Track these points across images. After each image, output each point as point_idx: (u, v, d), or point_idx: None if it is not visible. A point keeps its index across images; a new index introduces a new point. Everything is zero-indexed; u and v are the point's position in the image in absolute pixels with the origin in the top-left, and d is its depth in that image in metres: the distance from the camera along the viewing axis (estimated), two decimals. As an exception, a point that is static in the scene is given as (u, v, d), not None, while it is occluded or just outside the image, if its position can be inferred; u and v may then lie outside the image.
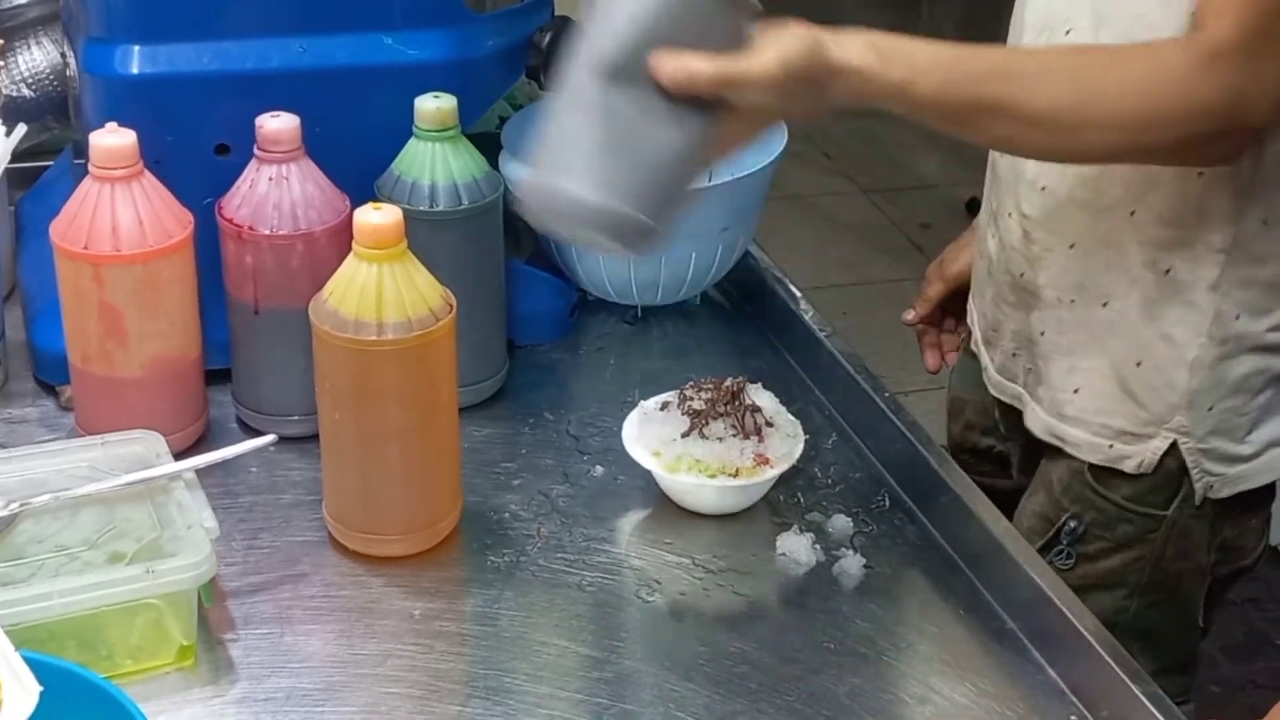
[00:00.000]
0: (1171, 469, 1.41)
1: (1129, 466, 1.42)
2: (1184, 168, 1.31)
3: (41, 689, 0.94)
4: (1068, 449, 1.45)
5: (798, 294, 1.62)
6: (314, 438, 1.36)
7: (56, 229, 1.33)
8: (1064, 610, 1.21)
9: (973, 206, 4.29)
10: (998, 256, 1.49)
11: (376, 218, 1.23)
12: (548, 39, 1.48)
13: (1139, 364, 1.39)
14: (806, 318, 1.58)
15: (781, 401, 1.40)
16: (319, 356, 1.27)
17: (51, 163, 1.66)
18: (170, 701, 1.15)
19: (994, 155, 1.48)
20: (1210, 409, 1.39)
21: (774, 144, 1.61)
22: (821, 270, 3.80)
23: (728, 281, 1.70)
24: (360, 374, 1.24)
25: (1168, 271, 1.36)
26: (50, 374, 1.45)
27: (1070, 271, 1.41)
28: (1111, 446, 1.42)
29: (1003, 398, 1.53)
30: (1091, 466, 1.43)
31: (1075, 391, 1.43)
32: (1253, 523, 1.46)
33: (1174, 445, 1.40)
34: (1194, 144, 1.24)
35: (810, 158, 4.49)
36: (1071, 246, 1.40)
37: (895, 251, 4.07)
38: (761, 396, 1.38)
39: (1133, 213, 1.36)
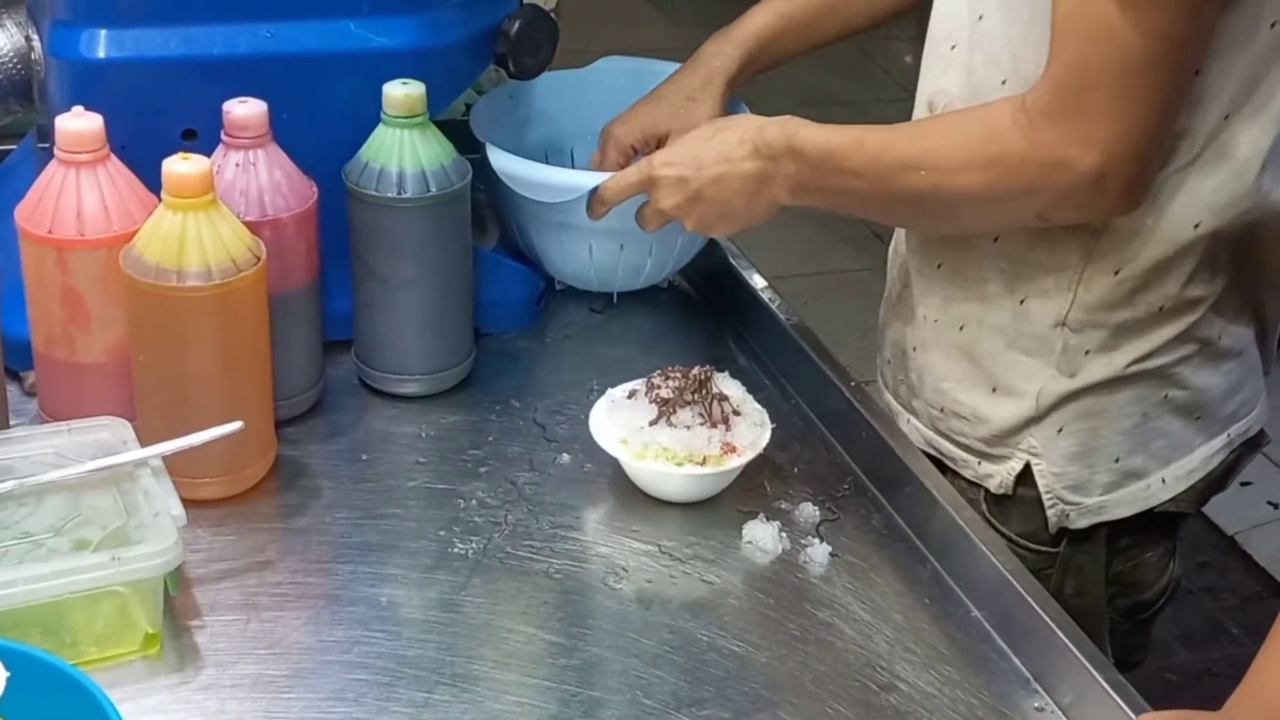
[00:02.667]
0: (1037, 496, 1.43)
1: (993, 486, 1.44)
2: None
3: (9, 675, 0.94)
4: (946, 462, 1.48)
5: (764, 283, 1.63)
6: (284, 423, 1.37)
7: (21, 212, 1.32)
8: (1028, 598, 1.22)
9: (934, 197, 4.31)
10: (891, 263, 1.54)
11: (183, 167, 1.25)
12: (516, 26, 1.48)
13: (994, 389, 1.42)
14: (773, 307, 1.58)
15: (748, 390, 1.41)
16: (126, 301, 1.28)
17: (15, 146, 1.65)
18: (136, 689, 1.14)
19: None
20: (1060, 430, 1.40)
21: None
22: (783, 259, 3.80)
23: (694, 271, 1.71)
24: (160, 320, 1.26)
25: (1022, 302, 1.38)
26: (14, 359, 1.43)
27: (936, 292, 1.45)
28: (980, 464, 1.45)
29: (883, 405, 1.55)
30: (987, 498, 1.46)
31: (941, 410, 1.47)
32: (1148, 557, 1.46)
33: (1028, 467, 1.42)
34: (1053, 203, 1.26)
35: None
36: (939, 267, 1.44)
37: (856, 241, 4.07)
38: (729, 385, 1.39)
39: (996, 240, 1.38)
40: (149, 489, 1.20)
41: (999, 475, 1.44)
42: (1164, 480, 1.42)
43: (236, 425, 1.26)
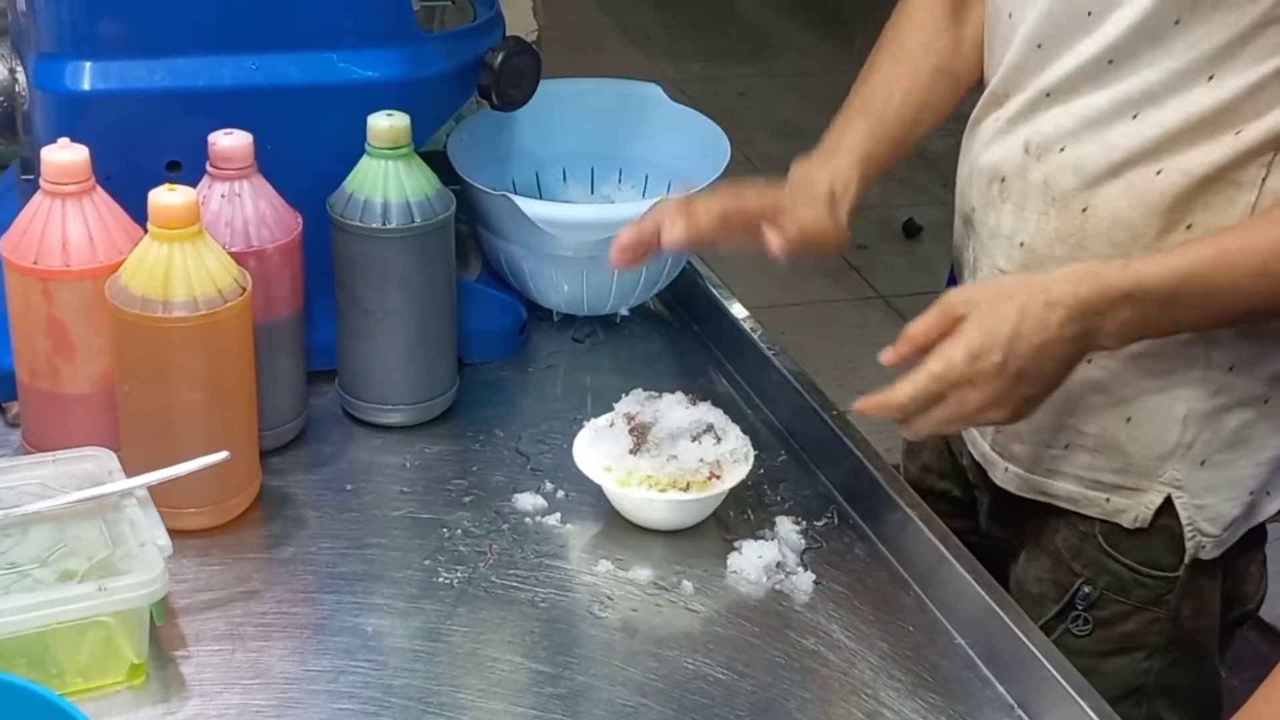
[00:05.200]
0: (1172, 528, 1.39)
1: (1125, 521, 1.40)
2: (1166, 222, 1.31)
3: (-3, 706, 0.94)
4: (1058, 504, 1.43)
5: (745, 313, 1.64)
6: (269, 453, 1.37)
7: (6, 243, 1.32)
8: (1012, 626, 1.23)
9: (909, 228, 4.33)
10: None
11: (170, 198, 1.25)
12: (500, 58, 1.49)
13: (1129, 419, 1.38)
14: (755, 336, 1.59)
15: (731, 419, 1.41)
16: (111, 331, 1.29)
17: (-2, 179, 1.65)
18: (122, 719, 1.14)
19: (962, 204, 1.47)
20: (1203, 463, 1.37)
21: (717, 162, 1.63)
22: (760, 290, 3.80)
23: (676, 300, 1.72)
24: (146, 350, 1.27)
25: None
26: (-3, 390, 1.44)
27: None
28: (1109, 500, 1.40)
29: (974, 452, 1.51)
30: (1102, 530, 1.41)
31: (1066, 447, 1.41)
32: (1251, 568, 1.47)
33: (1169, 500, 1.38)
34: None
35: (749, 179, 4.52)
36: None
37: (833, 273, 4.09)
38: (712, 414, 1.39)
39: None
40: (134, 519, 1.20)
41: (1134, 509, 1.39)
42: (1269, 493, 1.41)
43: (222, 455, 1.26)
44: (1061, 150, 1.34)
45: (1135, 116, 1.30)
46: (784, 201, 1.40)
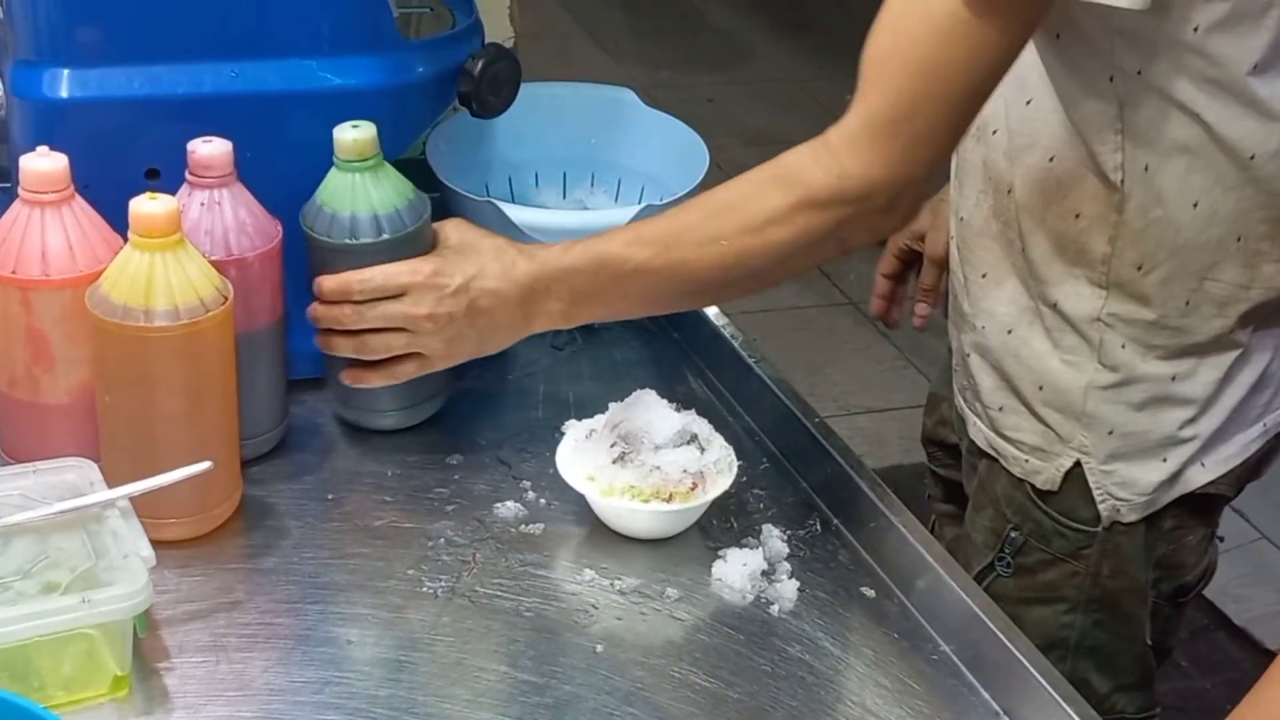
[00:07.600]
0: (1086, 488, 1.45)
1: (1039, 482, 1.46)
2: (1061, 210, 1.36)
3: (-17, 720, 0.93)
4: (1002, 462, 1.50)
5: (724, 319, 1.64)
6: (249, 463, 1.36)
7: (-16, 253, 1.31)
8: (997, 633, 1.23)
9: (879, 235, 4.34)
10: (949, 277, 1.56)
11: (151, 207, 1.25)
12: (480, 66, 1.49)
13: (1041, 387, 1.44)
14: (735, 344, 1.59)
15: (714, 428, 1.41)
16: (93, 340, 1.28)
17: (-28, 187, 1.64)
18: (105, 732, 1.13)
19: (955, 180, 1.51)
20: (1110, 433, 1.42)
21: (693, 169, 1.63)
22: (730, 297, 3.82)
23: (654, 308, 1.71)
24: (127, 359, 1.26)
25: (1055, 305, 1.41)
26: (-26, 401, 1.42)
27: (983, 299, 1.47)
28: (1027, 461, 1.47)
29: (958, 403, 1.59)
30: (1033, 488, 1.47)
31: (1000, 409, 1.48)
32: (1189, 540, 1.49)
33: (1078, 464, 1.44)
34: (853, 231, 1.31)
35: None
36: (984, 276, 1.46)
37: (803, 279, 4.09)
38: (697, 423, 1.39)
39: (1023, 249, 1.41)
40: (117, 530, 1.19)
41: (1046, 471, 1.45)
42: (1203, 464, 1.44)
43: (206, 465, 1.25)
44: (994, 133, 1.40)
45: (1029, 103, 1.35)
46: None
